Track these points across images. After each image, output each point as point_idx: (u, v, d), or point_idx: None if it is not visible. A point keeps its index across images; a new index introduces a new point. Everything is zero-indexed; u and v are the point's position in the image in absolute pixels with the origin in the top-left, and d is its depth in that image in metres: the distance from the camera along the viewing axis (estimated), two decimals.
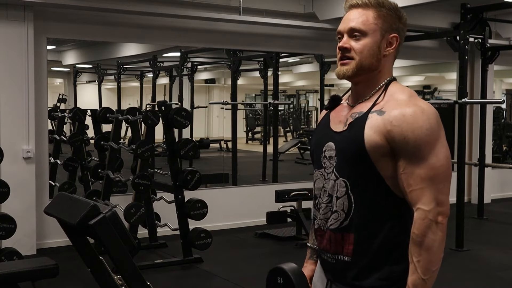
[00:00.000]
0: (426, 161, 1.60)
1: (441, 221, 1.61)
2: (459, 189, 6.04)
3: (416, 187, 1.60)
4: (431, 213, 1.60)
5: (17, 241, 4.96)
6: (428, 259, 1.59)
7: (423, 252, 1.59)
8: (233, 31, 6.82)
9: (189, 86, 9.96)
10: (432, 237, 1.59)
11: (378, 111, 1.65)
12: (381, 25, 1.69)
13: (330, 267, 1.76)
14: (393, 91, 1.70)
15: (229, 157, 8.59)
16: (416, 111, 1.61)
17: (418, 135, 1.59)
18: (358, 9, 1.70)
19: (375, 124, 1.64)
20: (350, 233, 1.68)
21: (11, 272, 2.83)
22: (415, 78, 14.80)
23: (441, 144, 1.62)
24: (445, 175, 1.63)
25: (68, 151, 6.86)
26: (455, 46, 7.26)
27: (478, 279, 5.12)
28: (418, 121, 1.60)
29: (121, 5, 5.82)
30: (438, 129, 1.62)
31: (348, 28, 1.70)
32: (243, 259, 5.65)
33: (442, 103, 10.40)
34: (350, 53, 1.69)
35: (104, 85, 10.02)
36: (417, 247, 1.59)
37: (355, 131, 1.67)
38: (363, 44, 1.69)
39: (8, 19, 5.45)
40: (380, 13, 1.69)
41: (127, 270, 2.14)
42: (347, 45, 1.69)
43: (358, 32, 1.68)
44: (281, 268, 1.74)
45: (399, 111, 1.62)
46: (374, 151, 1.63)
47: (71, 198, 2.17)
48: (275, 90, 8.76)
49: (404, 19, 1.75)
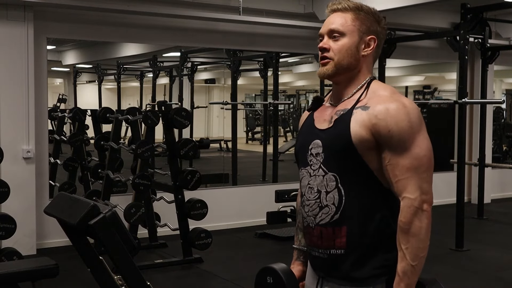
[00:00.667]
0: (410, 152, 1.66)
1: (426, 209, 1.66)
2: (459, 189, 6.04)
3: (402, 177, 1.66)
4: (416, 201, 1.65)
5: (17, 241, 4.96)
6: (416, 245, 1.65)
7: (410, 238, 1.64)
8: (233, 31, 6.82)
9: (189, 86, 9.97)
10: (419, 224, 1.64)
11: (363, 106, 1.72)
12: (359, 27, 1.77)
13: (322, 263, 1.79)
14: (375, 88, 1.77)
15: (229, 157, 8.59)
16: (399, 106, 1.68)
17: (402, 128, 1.66)
18: (338, 13, 1.79)
19: (360, 119, 1.70)
20: (342, 226, 1.72)
21: (11, 272, 2.83)
22: (415, 78, 14.81)
23: (423, 136, 1.69)
24: (429, 164, 1.69)
25: (68, 151, 6.86)
26: (455, 46, 7.26)
27: (478, 279, 5.12)
28: (401, 115, 1.67)
29: (121, 5, 5.82)
30: (419, 122, 1.69)
31: (327, 29, 1.79)
32: (243, 259, 5.65)
33: (442, 103, 10.41)
34: (329, 53, 1.78)
35: (104, 85, 10.02)
36: (404, 234, 1.65)
37: (341, 126, 1.73)
38: (341, 44, 1.77)
39: (8, 19, 5.45)
40: (358, 16, 1.78)
41: (127, 270, 2.14)
42: (326, 45, 1.78)
43: (336, 33, 1.77)
44: (271, 267, 1.78)
45: (383, 106, 1.69)
46: (361, 144, 1.69)
47: (71, 198, 2.17)
48: (275, 90, 8.76)
49: (383, 22, 1.83)
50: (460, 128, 6.26)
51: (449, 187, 7.27)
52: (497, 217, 7.77)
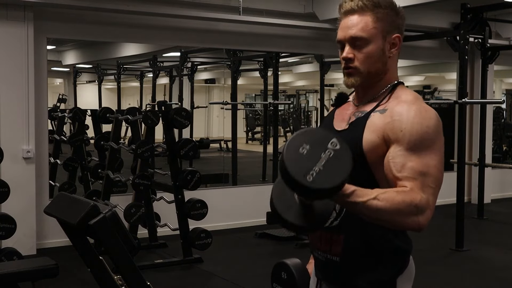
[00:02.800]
0: (419, 156, 1.52)
1: (422, 221, 1.48)
2: (459, 189, 6.04)
3: (408, 174, 1.50)
4: (416, 201, 1.47)
5: (17, 241, 4.96)
6: (384, 208, 1.45)
7: (387, 203, 1.45)
8: (233, 31, 6.82)
9: (189, 86, 9.97)
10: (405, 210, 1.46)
11: (381, 110, 1.62)
12: (382, 28, 1.63)
13: (320, 265, 1.75)
14: (399, 93, 1.66)
15: (229, 157, 8.58)
16: (419, 109, 1.57)
17: (417, 130, 1.53)
18: (355, 15, 1.64)
19: (375, 123, 1.60)
20: (340, 233, 1.66)
21: (11, 272, 2.83)
22: (415, 78, 14.80)
23: (440, 149, 1.55)
24: (437, 178, 1.53)
25: (68, 151, 6.86)
26: (455, 46, 7.26)
27: (478, 279, 5.12)
28: (419, 118, 1.55)
29: (121, 5, 5.82)
30: (437, 132, 1.56)
31: (348, 36, 1.64)
32: (243, 259, 5.65)
33: (442, 103, 10.41)
34: (354, 63, 1.64)
35: (104, 85, 10.03)
36: (392, 192, 1.47)
37: (354, 131, 1.63)
38: (367, 52, 1.64)
39: (8, 19, 5.45)
40: (378, 15, 1.63)
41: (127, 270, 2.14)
42: (351, 55, 1.65)
43: (359, 40, 1.63)
44: (285, 263, 1.74)
45: (402, 107, 1.59)
46: (371, 152, 1.59)
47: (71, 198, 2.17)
48: (275, 90, 8.76)
49: (402, 13, 1.69)
50: (460, 128, 6.26)
51: (449, 187, 7.25)
52: (497, 217, 7.77)
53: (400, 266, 1.66)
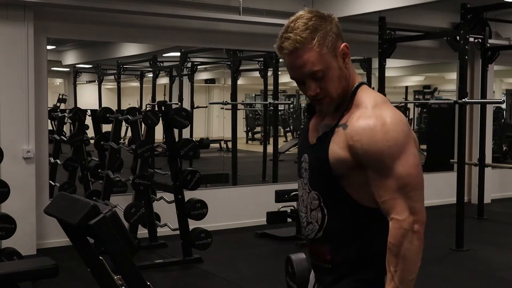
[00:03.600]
0: (392, 172, 1.56)
1: (417, 230, 1.57)
2: (459, 189, 6.04)
3: (387, 197, 1.57)
4: (405, 223, 1.56)
5: (17, 241, 4.96)
6: (405, 268, 1.57)
7: (399, 261, 1.57)
8: (233, 31, 6.82)
9: (189, 86, 9.97)
10: (408, 247, 1.57)
11: (343, 125, 1.63)
12: (328, 49, 1.60)
13: (315, 269, 1.80)
14: (359, 99, 1.65)
15: (229, 157, 8.59)
16: (376, 124, 1.57)
17: (379, 148, 1.55)
18: (298, 52, 1.59)
19: (339, 140, 1.62)
20: (325, 244, 1.70)
21: (11, 272, 2.84)
22: (415, 78, 14.81)
23: (408, 153, 1.57)
24: (415, 183, 1.57)
25: (68, 151, 6.86)
26: (455, 46, 7.25)
27: (478, 279, 5.12)
28: (377, 134, 1.55)
29: (121, 5, 5.82)
30: (402, 138, 1.56)
31: (305, 75, 1.61)
32: (243, 259, 5.65)
33: (442, 103, 10.41)
34: (322, 93, 1.64)
35: (104, 85, 10.03)
36: (393, 256, 1.57)
37: (321, 147, 1.66)
38: (329, 78, 1.62)
39: (8, 19, 5.45)
40: (318, 40, 1.59)
41: (127, 270, 2.14)
42: (318, 90, 1.63)
43: (317, 73, 1.60)
44: (290, 258, 1.82)
45: (360, 124, 1.58)
46: (339, 165, 1.61)
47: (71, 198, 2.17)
48: (275, 90, 8.76)
49: (331, 17, 1.64)
50: (460, 128, 6.26)
51: (449, 187, 7.27)
52: (497, 217, 7.77)
53: (383, 265, 1.67)
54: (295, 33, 1.58)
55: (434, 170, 8.57)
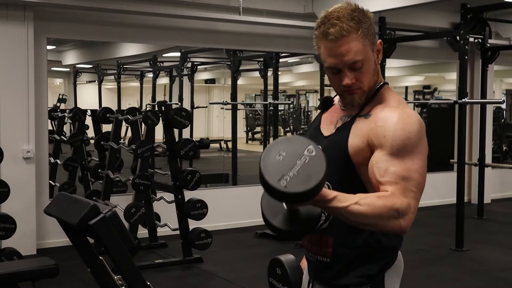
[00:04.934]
0: (401, 161, 1.56)
1: (402, 225, 1.51)
2: (459, 189, 6.03)
3: (391, 179, 1.54)
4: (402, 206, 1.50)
5: (17, 241, 4.96)
6: (364, 211, 1.48)
7: (368, 206, 1.49)
8: (233, 31, 6.82)
9: (189, 86, 9.97)
10: (385, 214, 1.49)
11: (366, 114, 1.66)
12: (369, 42, 1.64)
13: (311, 265, 1.80)
14: (383, 96, 1.69)
15: (229, 157, 8.58)
16: (402, 115, 1.60)
17: (399, 136, 1.57)
18: (343, 39, 1.60)
19: (360, 128, 1.64)
20: (329, 235, 1.70)
21: (11, 272, 2.84)
22: (415, 78, 14.81)
23: (422, 153, 1.59)
24: (419, 182, 1.57)
25: (68, 151, 6.86)
26: (455, 46, 7.26)
27: (478, 279, 5.12)
28: (401, 124, 1.58)
29: (121, 5, 5.82)
30: (420, 137, 1.59)
31: (346, 63, 1.63)
32: (243, 259, 5.65)
33: (442, 103, 10.41)
34: (357, 84, 1.66)
35: (104, 85, 10.03)
36: (374, 197, 1.51)
37: (341, 136, 1.67)
38: (366, 70, 1.65)
39: (8, 19, 5.45)
40: (363, 31, 1.62)
41: (127, 270, 2.14)
42: (354, 80, 1.65)
43: (357, 63, 1.63)
44: (279, 260, 1.82)
45: (386, 113, 1.62)
46: (357, 156, 1.63)
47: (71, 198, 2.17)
48: (275, 90, 8.76)
49: (369, 13, 1.67)
50: (460, 128, 6.26)
51: (449, 187, 7.28)
52: (497, 217, 7.77)
53: (388, 261, 1.70)
54: (341, 21, 1.60)
55: (434, 170, 8.57)
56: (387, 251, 1.69)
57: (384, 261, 1.68)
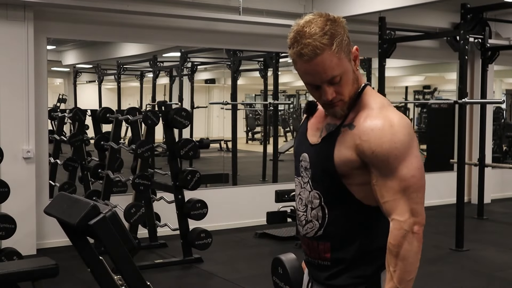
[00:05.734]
0: (396, 173, 1.58)
1: (417, 231, 1.60)
2: (459, 189, 6.04)
3: (390, 198, 1.59)
4: (406, 224, 1.58)
5: (17, 241, 4.96)
6: (404, 269, 1.59)
7: (399, 262, 1.59)
8: (233, 31, 6.82)
9: (189, 86, 9.96)
10: (408, 248, 1.59)
11: (349, 124, 1.64)
12: (344, 54, 1.61)
13: (312, 268, 1.80)
14: (365, 101, 1.67)
15: (229, 157, 8.59)
16: (384, 125, 1.59)
17: (387, 149, 1.57)
18: (317, 58, 1.57)
19: (346, 139, 1.64)
20: (326, 241, 1.71)
21: (11, 272, 2.84)
22: (415, 78, 14.80)
23: (412, 155, 1.59)
24: (418, 185, 1.60)
25: (68, 151, 6.86)
26: (455, 46, 7.26)
27: (478, 279, 5.12)
28: (386, 135, 1.58)
29: (121, 5, 5.82)
30: (408, 141, 1.59)
31: (324, 80, 1.61)
32: (243, 259, 5.65)
33: (442, 103, 10.41)
34: (337, 97, 1.64)
35: (104, 85, 10.02)
36: (393, 257, 1.60)
37: (326, 147, 1.67)
38: (344, 83, 1.63)
39: (8, 19, 5.45)
40: (336, 44, 1.58)
41: (127, 270, 2.14)
42: (334, 95, 1.63)
43: (335, 77, 1.61)
44: (281, 259, 1.85)
45: (368, 125, 1.60)
46: (344, 166, 1.63)
47: (71, 198, 2.17)
48: (275, 90, 8.76)
49: (340, 19, 1.64)
50: (460, 128, 6.26)
51: (449, 187, 7.28)
52: (497, 217, 7.77)
53: (384, 261, 1.70)
54: (314, 39, 1.57)
55: (434, 170, 8.57)
56: (383, 251, 1.69)
57: (379, 261, 1.68)
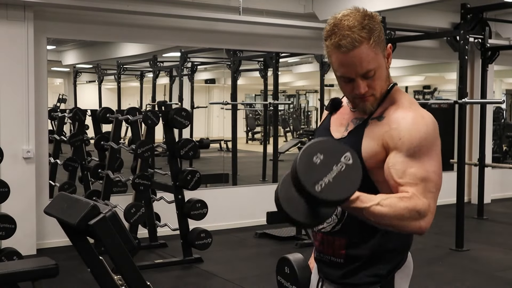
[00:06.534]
0: (419, 162, 1.57)
1: (423, 226, 1.54)
2: (459, 189, 6.04)
3: (411, 181, 1.55)
4: (423, 207, 1.53)
5: (17, 241, 4.96)
6: (387, 213, 1.50)
7: (391, 208, 1.50)
8: (233, 31, 6.82)
9: (189, 86, 9.97)
10: (407, 215, 1.51)
11: (379, 116, 1.65)
12: (380, 49, 1.62)
13: (323, 265, 1.79)
14: (394, 97, 1.69)
15: (229, 157, 8.59)
16: (416, 116, 1.60)
17: (415, 137, 1.57)
18: (355, 50, 1.58)
19: (374, 130, 1.64)
20: (342, 237, 1.70)
21: (11, 272, 2.83)
22: (415, 78, 14.81)
23: (437, 153, 1.59)
24: (437, 183, 1.58)
25: (68, 151, 6.86)
26: (455, 46, 7.27)
27: (478, 279, 5.12)
28: (416, 125, 1.59)
29: (121, 5, 5.82)
30: (436, 137, 1.60)
31: (359, 73, 1.61)
32: (243, 259, 5.65)
33: (442, 103, 10.41)
34: (369, 92, 1.65)
35: (104, 85, 10.02)
36: (396, 198, 1.52)
37: (353, 139, 1.66)
38: (378, 78, 1.64)
39: (8, 19, 5.45)
40: (374, 39, 1.59)
41: (127, 270, 2.14)
42: (367, 89, 1.64)
43: (370, 71, 1.62)
44: (288, 259, 1.82)
45: (399, 115, 1.62)
46: (371, 159, 1.62)
47: (71, 198, 2.17)
48: (275, 90, 8.76)
49: (377, 16, 1.64)
50: (460, 128, 6.26)
51: (449, 187, 7.26)
52: (497, 217, 7.77)
53: (399, 261, 1.71)
54: (353, 31, 1.57)
55: None
56: (398, 252, 1.69)
57: (394, 261, 1.68)
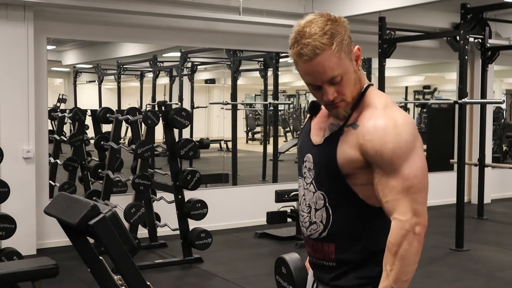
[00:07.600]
0: (399, 173, 1.58)
1: (418, 232, 1.58)
2: (459, 189, 6.03)
3: (392, 197, 1.58)
4: (407, 223, 1.57)
5: (17, 241, 4.96)
6: (401, 269, 1.58)
7: (396, 261, 1.58)
8: (233, 31, 6.82)
9: (189, 86, 9.97)
10: (407, 248, 1.57)
11: (353, 124, 1.64)
12: (345, 54, 1.60)
13: (316, 269, 1.80)
14: (368, 100, 1.66)
15: (229, 157, 8.59)
16: (388, 124, 1.59)
17: (390, 148, 1.57)
18: (317, 58, 1.57)
19: (349, 139, 1.63)
20: (330, 243, 1.71)
21: (11, 272, 2.83)
22: (415, 78, 14.81)
23: (416, 155, 1.59)
24: (421, 185, 1.59)
25: (68, 151, 6.86)
26: (455, 46, 7.26)
27: (478, 279, 5.12)
28: (389, 135, 1.57)
29: (121, 5, 5.82)
30: (412, 140, 1.59)
31: (325, 80, 1.61)
32: (243, 259, 5.65)
33: (442, 103, 10.41)
34: (339, 97, 1.64)
35: (104, 85, 10.03)
36: (391, 255, 1.58)
37: (329, 147, 1.66)
38: (346, 83, 1.62)
39: (8, 19, 5.45)
40: (336, 44, 1.58)
41: (127, 270, 2.14)
42: (335, 95, 1.63)
43: (336, 77, 1.60)
44: (284, 259, 1.85)
45: (372, 124, 1.60)
46: (348, 166, 1.63)
47: (71, 198, 2.17)
48: (275, 90, 8.76)
49: (342, 19, 1.64)
50: (460, 128, 6.26)
51: (449, 187, 7.27)
52: (497, 217, 7.77)
53: None
54: (313, 39, 1.57)
55: (434, 170, 8.57)
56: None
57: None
